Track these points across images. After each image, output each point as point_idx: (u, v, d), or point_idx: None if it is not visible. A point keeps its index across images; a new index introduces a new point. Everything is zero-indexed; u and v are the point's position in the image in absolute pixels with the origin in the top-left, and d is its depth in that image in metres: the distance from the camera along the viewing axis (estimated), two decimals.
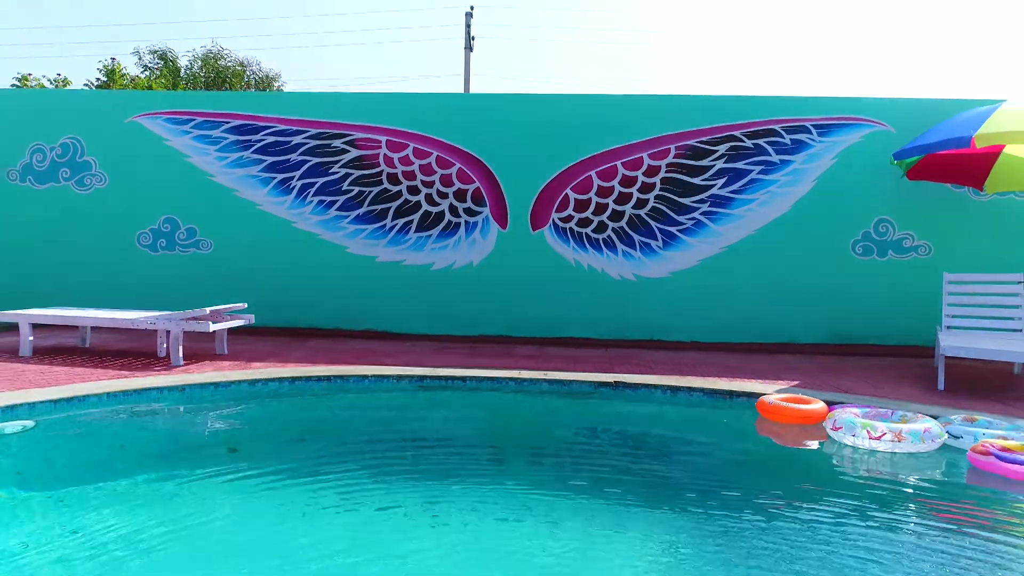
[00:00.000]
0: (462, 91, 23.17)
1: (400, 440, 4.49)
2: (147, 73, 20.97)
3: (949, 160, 6.74)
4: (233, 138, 7.98)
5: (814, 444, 4.20)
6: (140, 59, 21.76)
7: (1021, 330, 5.87)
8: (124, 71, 19.61)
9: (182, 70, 21.90)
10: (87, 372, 5.38)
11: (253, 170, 7.98)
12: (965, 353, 5.43)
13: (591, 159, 7.70)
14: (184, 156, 8.02)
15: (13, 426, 4.11)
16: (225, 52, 22.27)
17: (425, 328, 7.91)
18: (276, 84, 22.68)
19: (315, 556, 2.59)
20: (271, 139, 7.95)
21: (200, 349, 6.51)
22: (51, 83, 17.82)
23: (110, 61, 19.11)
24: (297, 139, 7.93)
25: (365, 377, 5.45)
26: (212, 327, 5.71)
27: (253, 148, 7.98)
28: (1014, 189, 6.74)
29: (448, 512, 3.06)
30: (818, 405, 4.48)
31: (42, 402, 4.41)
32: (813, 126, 7.52)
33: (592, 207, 7.72)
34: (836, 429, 4.17)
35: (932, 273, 7.09)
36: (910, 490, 3.56)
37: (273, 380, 5.25)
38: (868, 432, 4.03)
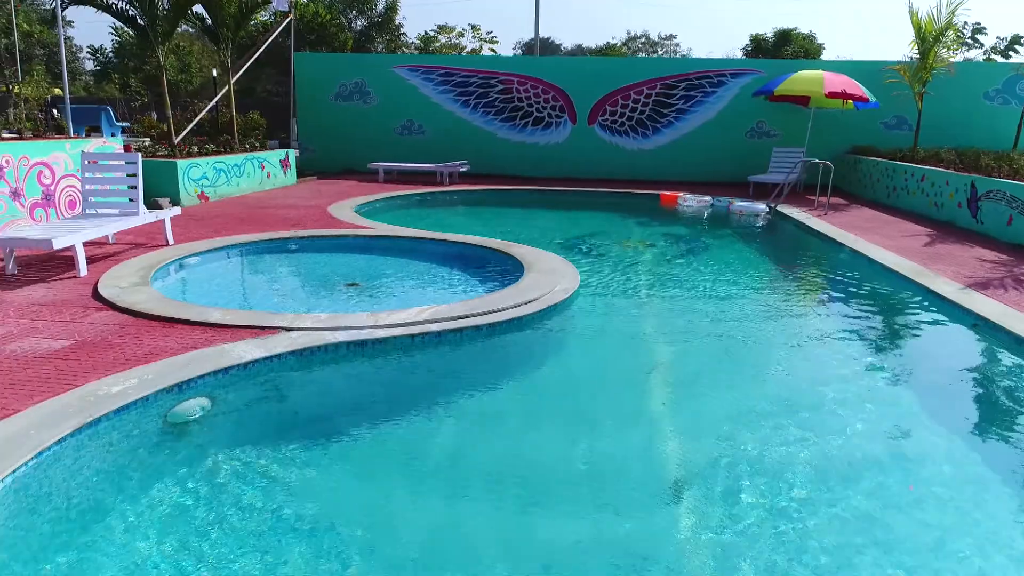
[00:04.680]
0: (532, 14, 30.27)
1: (534, 206, 13.08)
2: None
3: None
4: (441, 79, 16.15)
5: (676, 206, 12.62)
6: None
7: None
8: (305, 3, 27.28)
9: None
10: (411, 188, 13.96)
11: (451, 95, 16.21)
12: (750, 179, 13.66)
13: (618, 90, 15.62)
14: (416, 88, 16.28)
15: (422, 197, 12.88)
16: None
17: (535, 173, 16.26)
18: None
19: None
20: (460, 79, 16.09)
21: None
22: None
23: None
24: (473, 79, 16.05)
25: (523, 188, 13.99)
26: (461, 169, 14.30)
27: (451, 83, 16.15)
28: (821, 106, 14.41)
29: (533, 219, 11.71)
30: (681, 194, 12.84)
31: (413, 193, 13.11)
32: (730, 74, 15.20)
33: (618, 114, 15.75)
34: (684, 201, 12.55)
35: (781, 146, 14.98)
36: (704, 216, 11.94)
37: (490, 190, 13.83)
38: (696, 200, 12.41)
